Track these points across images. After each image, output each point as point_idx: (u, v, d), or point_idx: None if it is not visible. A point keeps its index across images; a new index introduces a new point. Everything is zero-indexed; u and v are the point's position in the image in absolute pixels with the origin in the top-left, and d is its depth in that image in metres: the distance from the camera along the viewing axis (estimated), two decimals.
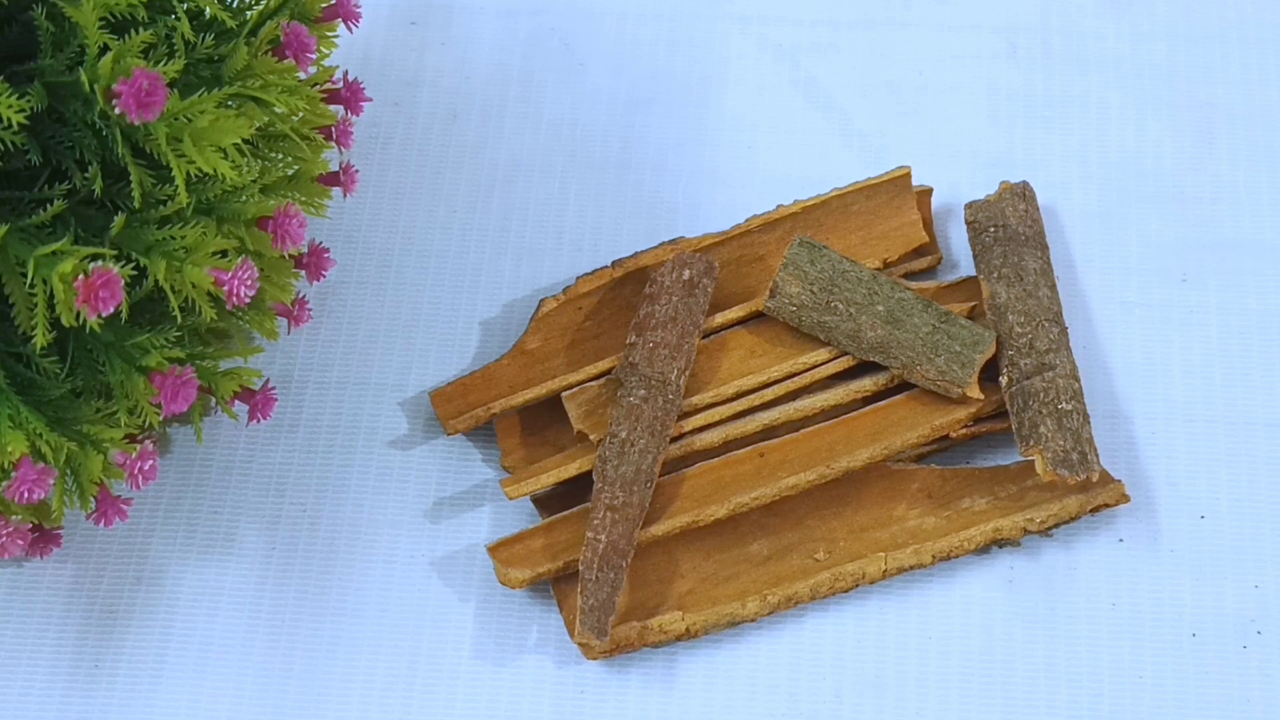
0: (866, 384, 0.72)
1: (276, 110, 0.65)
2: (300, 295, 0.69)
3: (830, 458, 0.71)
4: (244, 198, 0.63)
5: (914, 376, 0.71)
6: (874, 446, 0.71)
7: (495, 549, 0.70)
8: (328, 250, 0.69)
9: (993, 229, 0.75)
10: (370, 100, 0.72)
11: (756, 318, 0.74)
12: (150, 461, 0.63)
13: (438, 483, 0.72)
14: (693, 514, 0.70)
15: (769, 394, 0.72)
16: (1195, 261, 0.77)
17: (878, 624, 0.69)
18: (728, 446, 0.72)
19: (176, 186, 0.60)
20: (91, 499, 0.64)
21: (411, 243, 0.77)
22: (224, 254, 0.62)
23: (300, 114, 0.67)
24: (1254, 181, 0.78)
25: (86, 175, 0.62)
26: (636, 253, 0.76)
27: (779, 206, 0.77)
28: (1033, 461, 0.71)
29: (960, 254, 0.77)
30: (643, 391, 0.71)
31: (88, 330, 0.62)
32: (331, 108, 0.70)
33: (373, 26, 0.82)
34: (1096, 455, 0.70)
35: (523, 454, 0.72)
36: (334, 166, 0.69)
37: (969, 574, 0.70)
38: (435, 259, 0.77)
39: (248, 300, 0.62)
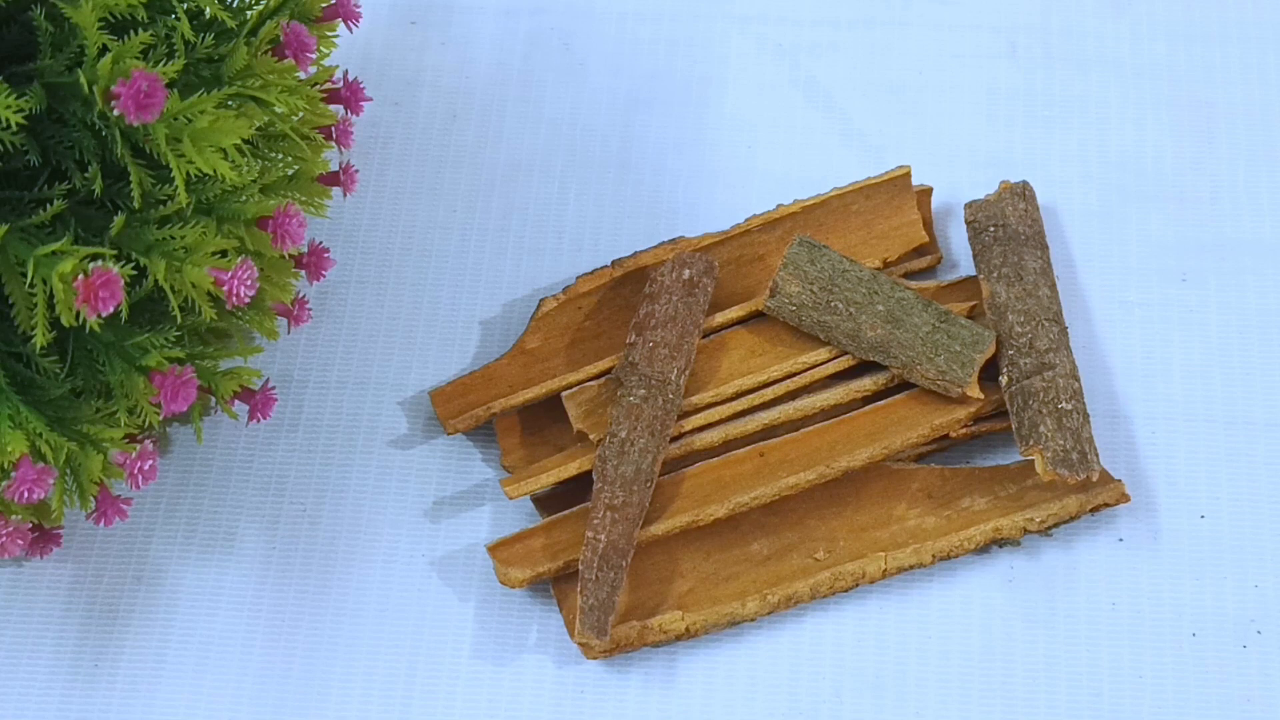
0: (866, 384, 0.72)
1: (276, 110, 0.65)
2: (300, 295, 0.69)
3: (830, 457, 0.71)
4: (244, 198, 0.63)
5: (914, 376, 0.71)
6: (874, 446, 0.71)
7: (495, 549, 0.70)
8: (328, 250, 0.69)
9: (993, 229, 0.75)
10: (370, 100, 0.72)
11: (756, 318, 0.74)
12: (150, 461, 0.63)
13: (438, 483, 0.72)
14: (693, 514, 0.70)
15: (769, 394, 0.72)
16: (1195, 261, 0.77)
17: (878, 624, 0.69)
18: (728, 446, 0.72)
19: (176, 186, 0.60)
20: (91, 499, 0.64)
21: (411, 243, 0.77)
22: (224, 254, 0.62)
23: (300, 114, 0.67)
24: (1254, 181, 0.78)
25: (86, 175, 0.62)
26: (636, 253, 0.76)
27: (779, 206, 0.77)
28: (1033, 461, 0.71)
29: (960, 254, 0.77)
30: (643, 391, 0.71)
31: (88, 330, 0.62)
32: (331, 108, 0.70)
33: (373, 26, 0.82)
34: (1096, 455, 0.70)
35: (523, 454, 0.72)
36: (334, 166, 0.69)
37: (969, 574, 0.70)
38: (435, 259, 0.77)
39: (248, 300, 0.62)
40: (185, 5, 0.64)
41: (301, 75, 0.66)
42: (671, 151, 0.80)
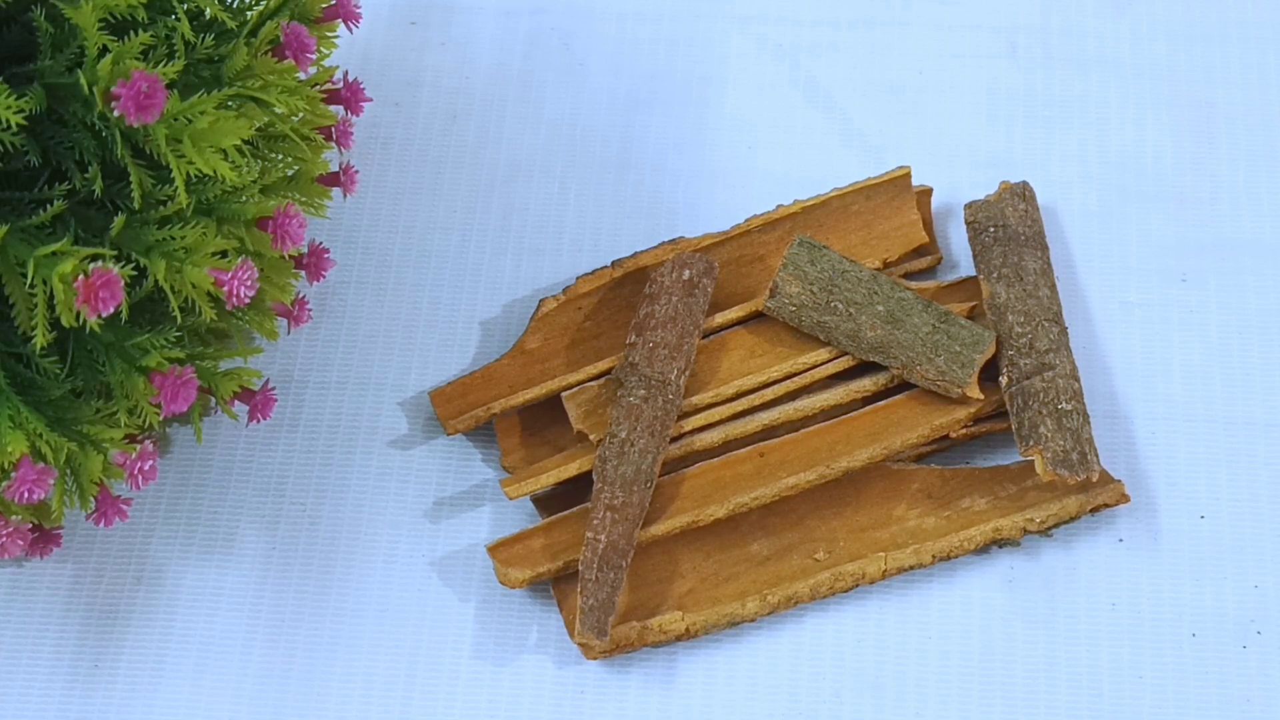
0: (866, 384, 0.72)
1: (276, 111, 0.65)
2: (300, 295, 0.69)
3: (830, 458, 0.71)
4: (244, 198, 0.63)
5: (914, 376, 0.71)
6: (874, 446, 0.71)
7: (495, 549, 0.70)
8: (328, 250, 0.69)
9: (993, 229, 0.75)
10: (370, 100, 0.72)
11: (756, 318, 0.74)
12: (150, 461, 0.63)
13: (438, 483, 0.72)
14: (693, 514, 0.70)
15: (769, 394, 0.72)
16: (1195, 261, 0.77)
17: (878, 624, 0.69)
18: (728, 446, 0.72)
19: (176, 187, 0.60)
20: (91, 499, 0.64)
21: (411, 243, 0.77)
22: (224, 254, 0.62)
23: (300, 114, 0.67)
24: (1254, 181, 0.78)
25: (86, 176, 0.62)
26: (636, 253, 0.76)
27: (779, 206, 0.77)
28: (1033, 461, 0.71)
29: (960, 254, 0.77)
30: (643, 391, 0.71)
31: (88, 330, 0.62)
32: (331, 108, 0.70)
33: (373, 26, 0.82)
34: (1096, 455, 0.70)
35: (523, 454, 0.73)
36: (334, 167, 0.69)
37: (969, 574, 0.70)
38: (435, 259, 0.77)
39: (248, 300, 0.62)
40: (185, 6, 0.64)
41: (301, 76, 0.66)
42: (671, 151, 0.80)
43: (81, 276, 0.58)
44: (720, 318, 0.73)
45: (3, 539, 0.62)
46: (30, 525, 0.65)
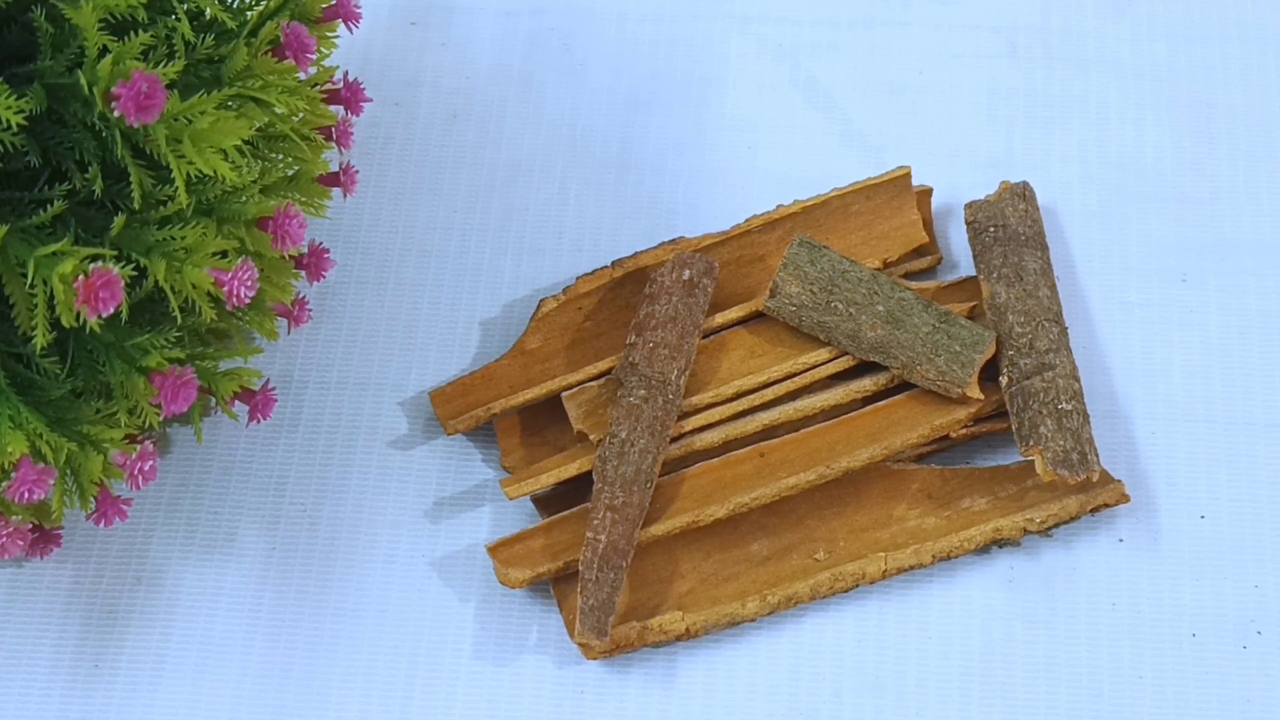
0: (866, 384, 0.72)
1: (277, 111, 0.65)
2: (300, 295, 0.69)
3: (830, 458, 0.71)
4: (244, 198, 0.63)
5: (914, 376, 0.71)
6: (874, 446, 0.71)
7: (495, 549, 0.70)
8: (328, 251, 0.69)
9: (993, 229, 0.75)
10: (370, 100, 0.72)
11: (756, 318, 0.74)
12: (150, 462, 0.63)
13: (438, 483, 0.72)
14: (693, 514, 0.70)
15: (769, 394, 0.72)
16: (1195, 261, 0.77)
17: (878, 624, 0.69)
18: (728, 446, 0.72)
19: (176, 187, 0.60)
20: (91, 499, 0.64)
21: (411, 243, 0.77)
22: (224, 254, 0.62)
23: (300, 114, 0.67)
24: (1254, 181, 0.78)
25: (86, 176, 0.62)
26: (636, 253, 0.76)
27: (779, 206, 0.77)
28: (1033, 461, 0.71)
29: (960, 254, 0.77)
30: (643, 391, 0.71)
31: (88, 331, 0.62)
32: (331, 108, 0.70)
33: (373, 26, 0.82)
34: (1096, 455, 0.70)
35: (523, 454, 0.73)
36: (334, 167, 0.70)
37: (969, 574, 0.70)
38: (435, 259, 0.77)
39: (248, 301, 0.62)
40: (185, 6, 0.64)
41: (301, 76, 0.66)
42: (671, 151, 0.80)
43: (81, 276, 0.58)
44: (720, 318, 0.73)
45: (3, 539, 0.62)
46: (30, 525, 0.65)
